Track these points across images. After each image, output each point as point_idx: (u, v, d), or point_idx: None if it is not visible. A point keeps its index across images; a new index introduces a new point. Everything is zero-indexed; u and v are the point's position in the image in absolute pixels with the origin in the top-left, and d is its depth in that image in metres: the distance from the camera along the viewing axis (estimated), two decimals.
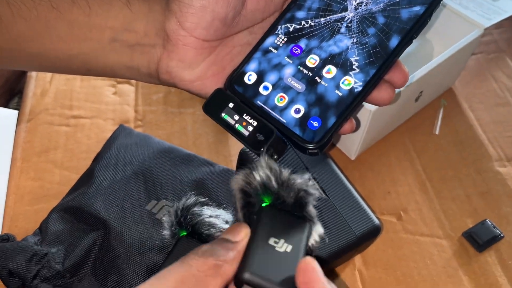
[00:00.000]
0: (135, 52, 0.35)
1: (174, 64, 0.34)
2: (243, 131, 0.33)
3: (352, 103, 0.32)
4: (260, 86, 0.34)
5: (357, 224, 0.42)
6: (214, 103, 0.34)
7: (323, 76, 0.33)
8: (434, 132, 0.57)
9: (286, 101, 0.34)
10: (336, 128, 0.32)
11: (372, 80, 0.32)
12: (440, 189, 0.51)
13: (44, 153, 0.51)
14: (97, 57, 0.35)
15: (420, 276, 0.45)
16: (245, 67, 0.35)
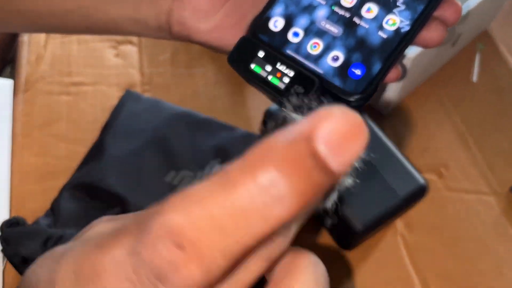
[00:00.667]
0: (141, 2, 0.30)
1: (187, 13, 0.29)
2: (278, 84, 0.28)
3: (399, 45, 0.28)
4: (289, 33, 0.29)
5: (400, 185, 0.38)
6: (241, 53, 0.29)
7: (363, 17, 0.29)
8: (471, 79, 0.52)
9: (321, 48, 0.29)
10: (382, 75, 0.28)
11: (421, 17, 0.27)
12: (482, 142, 0.47)
13: (46, 126, 0.47)
14: (98, 10, 0.30)
15: (468, 236, 0.41)
16: (269, 12, 0.30)
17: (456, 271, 0.40)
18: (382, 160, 0.39)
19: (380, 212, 0.37)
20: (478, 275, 0.39)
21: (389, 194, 0.37)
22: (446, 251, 0.41)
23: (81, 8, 0.30)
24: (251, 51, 0.29)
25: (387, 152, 0.39)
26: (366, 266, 0.40)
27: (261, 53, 0.29)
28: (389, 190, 0.37)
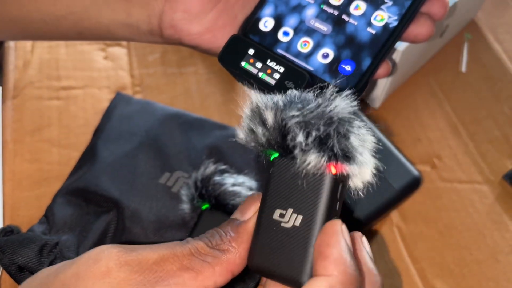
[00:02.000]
0: (133, 6, 0.30)
1: (179, 16, 0.30)
2: (268, 80, 0.28)
3: (387, 41, 0.28)
4: (279, 32, 0.30)
5: (396, 178, 0.38)
6: (231, 52, 0.29)
7: (351, 14, 0.29)
8: (460, 69, 0.52)
9: (311, 46, 0.29)
10: (372, 71, 0.28)
11: (408, 12, 0.28)
12: (474, 131, 0.47)
13: (37, 132, 0.46)
14: (90, 16, 0.30)
15: (464, 225, 0.42)
16: (259, 13, 0.30)
17: (453, 260, 0.40)
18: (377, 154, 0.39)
19: (377, 206, 0.37)
20: (474, 263, 0.40)
21: (385, 188, 0.37)
22: (442, 240, 0.41)
23: (72, 14, 0.30)
24: (241, 49, 0.29)
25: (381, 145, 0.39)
26: None
27: (251, 50, 0.29)
28: (385, 183, 0.37)
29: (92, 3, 0.30)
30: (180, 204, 0.38)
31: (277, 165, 0.24)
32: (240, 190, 0.37)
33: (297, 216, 0.23)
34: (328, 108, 0.23)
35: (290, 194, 0.23)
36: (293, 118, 0.23)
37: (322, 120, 0.23)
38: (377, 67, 0.28)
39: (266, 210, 0.24)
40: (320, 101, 0.24)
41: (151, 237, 0.38)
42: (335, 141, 0.23)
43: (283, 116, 0.23)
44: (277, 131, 0.23)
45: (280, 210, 0.23)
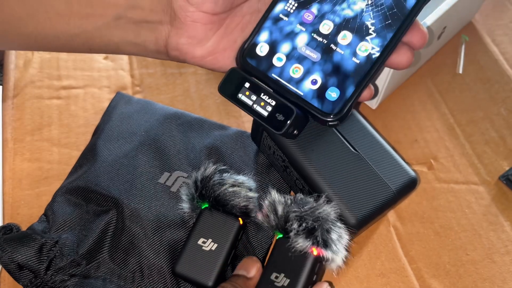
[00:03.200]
0: (141, 29, 0.32)
1: (183, 41, 0.32)
2: (262, 111, 0.32)
3: (370, 70, 0.31)
4: (273, 58, 0.33)
5: (392, 179, 0.38)
6: (230, 84, 0.33)
7: (338, 43, 0.32)
8: (458, 71, 0.53)
9: (301, 72, 0.32)
10: (355, 97, 0.31)
11: (390, 44, 0.30)
12: (470, 132, 0.48)
13: (38, 131, 0.46)
14: (101, 35, 0.32)
15: (460, 226, 0.42)
16: (256, 38, 0.33)
17: (449, 260, 0.40)
18: (374, 154, 0.39)
19: (374, 207, 0.37)
20: (470, 263, 0.40)
21: (382, 189, 0.38)
22: (438, 241, 0.41)
23: (85, 32, 0.32)
24: (238, 82, 0.32)
25: (378, 146, 0.40)
26: (359, 259, 0.40)
27: (247, 84, 0.32)
28: (382, 184, 0.38)
29: (103, 24, 0.31)
30: (180, 204, 0.39)
31: (279, 242, 0.35)
32: (239, 191, 0.38)
33: (286, 279, 0.33)
34: (318, 210, 0.34)
35: (284, 263, 0.34)
36: (294, 213, 0.34)
37: (312, 217, 0.34)
38: (360, 94, 0.31)
39: (267, 271, 0.34)
40: (315, 205, 0.34)
41: (150, 237, 0.38)
42: (319, 233, 0.33)
43: (288, 210, 0.34)
44: (282, 219, 0.34)
45: (276, 273, 0.34)
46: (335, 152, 0.39)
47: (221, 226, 0.37)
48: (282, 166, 0.41)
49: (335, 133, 0.40)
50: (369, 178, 0.38)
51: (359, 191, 0.37)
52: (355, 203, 0.37)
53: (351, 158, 0.38)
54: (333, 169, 0.38)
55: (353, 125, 0.40)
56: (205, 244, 0.36)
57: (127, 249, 0.38)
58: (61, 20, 0.31)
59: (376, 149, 0.39)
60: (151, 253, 0.38)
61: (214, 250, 0.35)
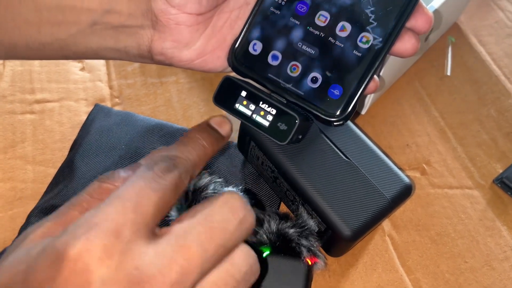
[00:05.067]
0: (120, 34, 0.30)
1: (168, 45, 0.29)
2: (262, 121, 0.29)
3: (374, 62, 0.28)
4: (268, 56, 0.30)
5: (387, 187, 0.37)
6: (225, 93, 0.30)
7: (337, 36, 0.29)
8: (446, 73, 0.52)
9: (300, 70, 0.29)
10: (360, 93, 0.28)
11: (394, 32, 0.28)
12: (462, 135, 0.47)
13: (10, 148, 0.44)
14: (76, 42, 0.30)
15: (457, 232, 0.41)
16: (247, 35, 0.30)
17: (447, 269, 0.39)
18: (366, 162, 0.38)
19: (369, 217, 0.35)
20: (469, 271, 0.39)
21: (377, 198, 0.36)
22: (435, 249, 0.40)
23: (58, 40, 0.30)
24: (234, 91, 0.30)
25: (370, 153, 0.38)
26: (355, 272, 0.39)
27: (243, 92, 0.29)
28: (377, 193, 0.36)
29: (78, 31, 0.29)
30: (169, 213, 0.37)
31: (269, 259, 0.35)
32: None
33: None
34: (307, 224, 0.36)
35: (281, 279, 0.34)
36: (290, 228, 0.36)
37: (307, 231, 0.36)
38: (365, 88, 0.28)
39: None
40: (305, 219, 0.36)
41: None
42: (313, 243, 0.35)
43: (281, 227, 0.36)
44: (274, 235, 0.36)
45: None
46: (326, 160, 0.37)
47: None
48: (272, 177, 0.40)
49: (326, 141, 0.38)
50: (363, 187, 0.36)
51: (352, 201, 0.35)
52: (349, 214, 0.35)
53: (343, 166, 0.37)
54: (324, 178, 0.36)
55: (344, 132, 0.39)
56: None
57: None
58: (31, 28, 0.28)
59: (369, 156, 0.38)
60: None
61: None
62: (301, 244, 0.35)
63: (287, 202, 0.40)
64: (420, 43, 0.48)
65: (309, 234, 0.36)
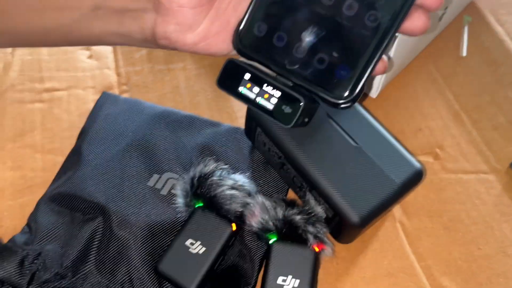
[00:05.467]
0: (124, 18, 0.29)
1: (172, 28, 0.29)
2: (266, 104, 0.28)
3: (382, 42, 0.27)
4: (273, 38, 0.29)
5: (396, 172, 0.36)
6: (228, 77, 0.29)
7: (344, 14, 0.28)
8: (461, 54, 0.50)
9: (306, 51, 0.28)
10: (368, 74, 0.27)
11: (403, 9, 0.26)
12: (477, 118, 0.45)
13: (20, 137, 0.44)
14: (80, 28, 0.29)
15: (470, 219, 0.40)
16: (251, 17, 0.29)
17: (460, 256, 0.38)
18: (375, 147, 0.36)
19: (378, 203, 0.34)
20: (483, 258, 0.38)
21: (386, 183, 0.35)
22: (448, 235, 0.39)
23: (62, 26, 0.29)
24: (238, 74, 0.29)
25: (379, 138, 0.37)
26: (365, 258, 0.38)
27: (247, 75, 0.29)
28: (386, 178, 0.35)
29: (81, 16, 0.29)
30: (175, 198, 0.37)
31: (276, 245, 0.35)
32: (237, 195, 0.35)
33: (295, 280, 0.33)
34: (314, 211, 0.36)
35: (288, 265, 0.34)
36: (296, 215, 0.35)
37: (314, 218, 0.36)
38: (373, 69, 0.27)
39: (271, 277, 0.34)
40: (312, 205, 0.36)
41: (140, 245, 0.36)
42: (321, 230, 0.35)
43: (288, 213, 0.35)
44: (281, 222, 0.35)
45: (282, 276, 0.34)
46: (334, 145, 0.36)
47: (212, 229, 0.34)
48: (279, 163, 0.39)
49: (334, 125, 0.37)
50: (372, 172, 0.35)
51: (361, 187, 0.35)
52: (357, 200, 0.34)
53: (351, 151, 0.36)
54: (332, 164, 0.35)
55: (352, 116, 0.38)
56: (193, 246, 0.34)
57: (115, 259, 0.35)
58: (34, 14, 0.28)
59: (378, 141, 0.37)
60: (141, 262, 0.35)
61: (201, 254, 0.33)
62: (307, 231, 0.34)
63: (294, 189, 0.40)
64: (434, 23, 0.47)
65: (316, 220, 0.35)
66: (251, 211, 0.35)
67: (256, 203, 0.35)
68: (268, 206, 0.35)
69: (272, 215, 0.35)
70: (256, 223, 0.35)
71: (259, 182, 0.40)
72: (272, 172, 0.41)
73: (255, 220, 0.35)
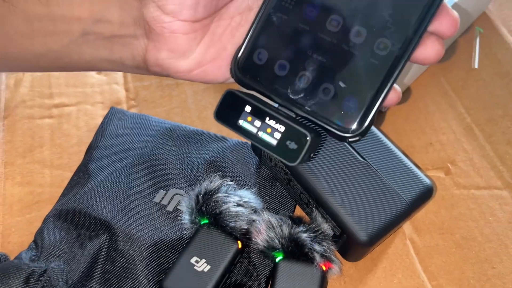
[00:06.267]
0: (113, 44, 0.29)
1: (164, 55, 0.28)
2: (269, 140, 0.26)
3: (392, 71, 0.25)
4: (274, 66, 0.27)
5: (405, 189, 0.35)
6: (227, 109, 0.27)
7: (351, 42, 0.26)
8: (473, 66, 0.49)
9: (310, 81, 0.27)
10: (377, 106, 0.25)
11: (415, 37, 0.25)
12: (490, 132, 0.44)
13: (29, 153, 0.44)
14: (70, 53, 0.29)
15: (484, 236, 0.38)
16: (251, 43, 0.28)
17: (473, 275, 0.37)
18: (384, 162, 0.36)
19: (387, 221, 0.34)
20: (496, 277, 0.36)
21: (395, 200, 0.34)
22: (460, 254, 0.38)
23: (52, 51, 0.29)
24: (237, 106, 0.27)
25: (388, 153, 0.36)
26: (374, 277, 0.37)
27: (248, 107, 0.27)
28: (395, 195, 0.34)
29: (70, 42, 0.29)
30: (180, 215, 0.36)
31: (282, 264, 0.34)
32: (243, 212, 0.35)
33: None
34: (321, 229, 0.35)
35: (294, 285, 0.33)
36: (303, 233, 0.34)
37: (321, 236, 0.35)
38: (383, 100, 0.26)
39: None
40: (319, 223, 0.35)
41: (145, 262, 0.36)
42: (327, 248, 0.34)
43: (294, 231, 0.35)
44: (287, 240, 0.34)
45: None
46: (341, 162, 0.36)
47: (218, 247, 0.34)
48: (285, 179, 0.38)
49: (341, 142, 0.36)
50: (380, 189, 0.35)
51: (368, 204, 0.34)
52: (365, 218, 0.33)
53: (359, 167, 0.35)
54: (339, 180, 0.35)
55: None
56: (197, 264, 0.33)
57: (120, 276, 0.35)
58: (24, 40, 0.28)
59: (386, 157, 0.36)
60: (146, 279, 0.35)
61: (206, 272, 0.33)
62: (314, 249, 0.33)
63: (301, 205, 0.39)
64: None
65: (323, 238, 0.34)
66: (257, 229, 0.35)
67: (262, 220, 0.35)
68: (274, 224, 0.35)
69: (278, 232, 0.34)
70: (262, 241, 0.34)
71: (265, 198, 0.40)
72: (279, 188, 0.41)
73: (261, 238, 0.34)
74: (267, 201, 0.39)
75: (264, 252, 0.35)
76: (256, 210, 0.36)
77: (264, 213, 0.35)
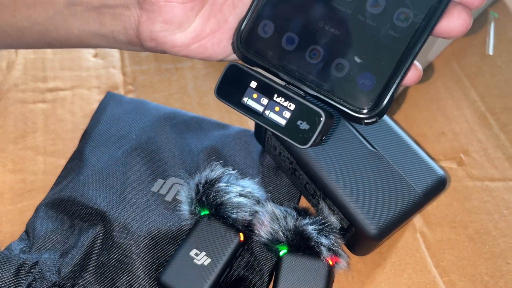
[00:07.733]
0: (103, 16, 0.26)
1: (158, 27, 0.25)
2: (277, 119, 0.24)
3: (414, 45, 0.22)
4: (282, 39, 0.24)
5: (417, 179, 0.33)
6: (230, 85, 0.25)
7: (368, 12, 0.23)
8: (487, 52, 0.46)
9: (321, 56, 0.24)
10: (396, 84, 0.23)
11: (440, 6, 0.22)
12: (505, 121, 0.42)
13: (21, 139, 0.42)
14: (56, 26, 0.27)
15: (498, 230, 0.37)
16: (255, 14, 0.25)
17: (487, 271, 0.35)
18: (394, 152, 0.34)
19: (397, 214, 0.32)
20: (511, 273, 0.35)
21: (406, 192, 0.32)
22: (473, 248, 0.36)
23: (36, 24, 0.27)
24: (241, 82, 0.24)
25: (399, 142, 0.34)
26: (383, 272, 0.35)
27: (253, 83, 0.24)
28: (406, 186, 0.32)
29: (56, 13, 0.26)
30: (179, 205, 0.35)
31: (286, 258, 0.32)
32: (245, 203, 0.33)
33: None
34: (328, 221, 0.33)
35: (300, 279, 0.31)
36: (309, 226, 0.33)
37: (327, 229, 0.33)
38: (402, 78, 0.23)
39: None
40: (326, 215, 0.34)
41: (142, 254, 0.34)
42: (334, 242, 0.32)
43: (299, 223, 0.33)
44: (292, 233, 0.33)
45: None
46: (349, 150, 0.34)
47: (219, 239, 0.32)
48: (290, 168, 0.37)
49: (349, 129, 0.34)
50: (390, 180, 0.33)
51: (379, 196, 0.32)
52: (374, 210, 0.32)
53: (368, 157, 0.33)
54: (347, 170, 0.33)
55: None
56: (197, 257, 0.32)
57: (116, 268, 0.33)
58: (5, 11, 0.26)
59: (397, 146, 0.34)
60: (143, 272, 0.33)
61: (206, 266, 0.31)
62: (320, 243, 0.32)
63: (307, 196, 0.37)
64: None
65: (330, 231, 0.32)
66: (260, 220, 0.33)
67: (266, 211, 0.33)
68: (278, 215, 0.33)
69: (282, 224, 0.32)
70: (265, 233, 0.33)
71: (269, 188, 0.38)
72: (283, 178, 0.39)
73: (264, 230, 0.33)
74: (270, 192, 0.38)
75: (268, 245, 0.33)
76: (259, 201, 0.34)
77: (267, 204, 0.33)
